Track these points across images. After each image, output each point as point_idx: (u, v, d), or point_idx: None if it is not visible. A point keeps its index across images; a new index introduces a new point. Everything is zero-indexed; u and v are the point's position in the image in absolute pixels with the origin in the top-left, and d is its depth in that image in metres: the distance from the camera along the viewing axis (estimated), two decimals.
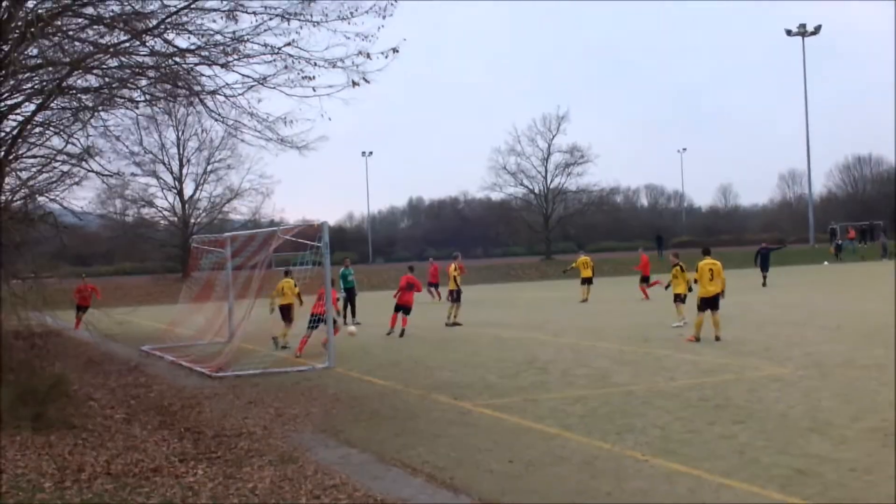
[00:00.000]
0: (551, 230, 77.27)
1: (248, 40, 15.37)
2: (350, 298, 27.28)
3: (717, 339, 18.81)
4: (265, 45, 15.44)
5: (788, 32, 75.87)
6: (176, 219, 62.84)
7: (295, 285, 21.31)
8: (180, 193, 62.65)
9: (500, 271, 59.83)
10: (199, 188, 63.55)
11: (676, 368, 15.31)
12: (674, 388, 13.25)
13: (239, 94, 16.26)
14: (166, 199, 62.90)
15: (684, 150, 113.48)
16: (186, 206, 62.89)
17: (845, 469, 8.34)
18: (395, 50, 15.30)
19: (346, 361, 17.80)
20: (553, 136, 75.59)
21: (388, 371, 16.54)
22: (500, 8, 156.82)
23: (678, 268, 23.06)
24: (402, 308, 23.04)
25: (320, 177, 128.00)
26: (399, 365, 17.41)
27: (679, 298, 22.73)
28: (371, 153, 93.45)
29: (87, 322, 26.71)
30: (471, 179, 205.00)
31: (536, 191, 77.15)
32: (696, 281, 19.98)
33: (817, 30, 75.12)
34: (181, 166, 62.49)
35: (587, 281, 34.28)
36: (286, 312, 21.39)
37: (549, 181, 76.38)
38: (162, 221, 64.29)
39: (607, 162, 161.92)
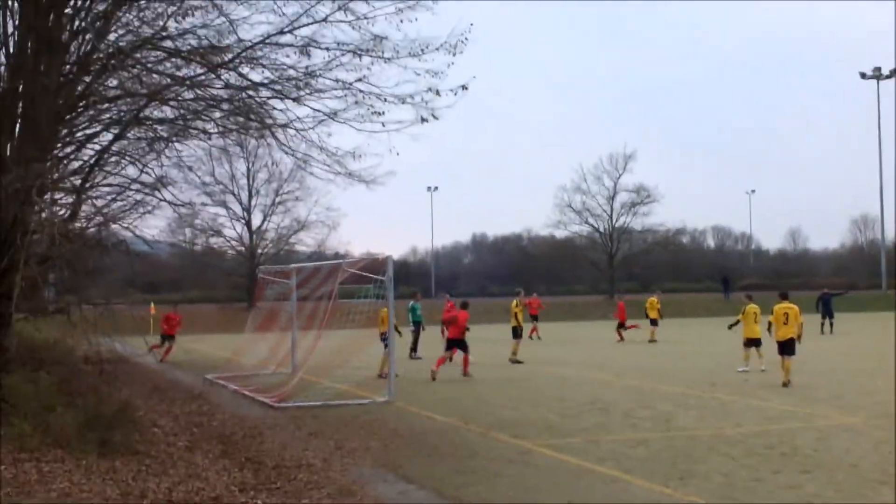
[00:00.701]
0: (616, 269, 76.67)
1: (320, 75, 15.65)
2: (416, 332, 27.47)
3: (785, 384, 18.46)
4: (336, 80, 15.70)
5: (863, 76, 74.76)
6: (243, 249, 63.80)
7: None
8: (248, 224, 63.65)
9: (563, 309, 59.43)
10: (267, 219, 64.50)
11: (742, 414, 14.99)
12: (739, 435, 12.97)
13: (309, 128, 16.52)
14: (234, 229, 63.94)
15: (753, 191, 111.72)
16: (254, 236, 63.85)
17: None
18: (464, 87, 15.43)
19: (406, 396, 17.79)
20: (619, 175, 75.31)
21: (449, 407, 16.48)
22: (568, 45, 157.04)
23: (750, 311, 22.33)
24: (456, 343, 22.25)
25: (386, 210, 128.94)
26: (459, 401, 17.35)
27: (751, 343, 22.04)
28: (437, 188, 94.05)
29: (155, 351, 27.23)
30: (535, 216, 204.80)
31: (601, 229, 76.76)
32: (769, 324, 19.78)
33: (892, 73, 73.88)
34: (250, 197, 63.54)
35: (654, 322, 34.15)
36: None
37: (614, 220, 75.96)
38: (230, 251, 65.34)
39: (674, 202, 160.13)
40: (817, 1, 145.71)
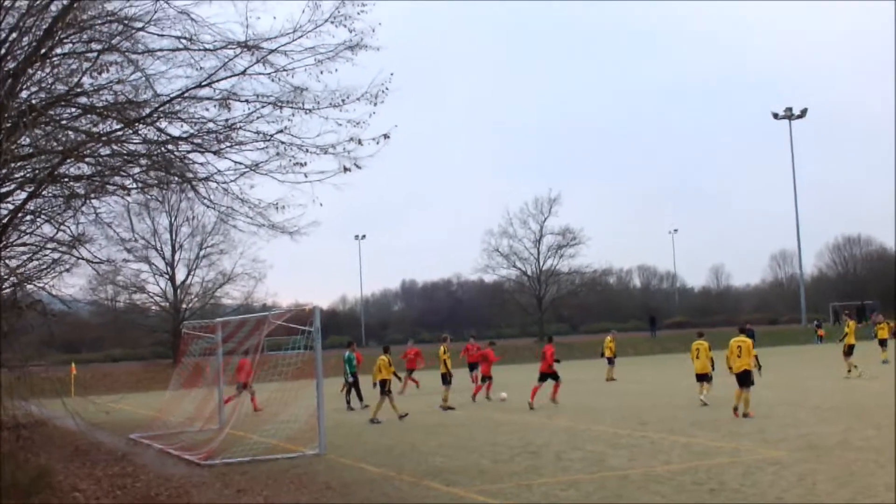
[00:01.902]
0: (544, 312, 77.26)
1: (240, 128, 15.60)
2: (355, 382, 27.09)
3: (745, 415, 19.23)
4: (257, 133, 15.67)
5: (776, 116, 77.25)
6: (167, 304, 62.67)
7: (389, 364, 22.87)
8: (172, 279, 62.61)
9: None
10: (192, 273, 63.52)
11: (671, 451, 15.16)
12: (668, 472, 13.10)
13: (231, 181, 16.41)
14: (158, 285, 62.80)
15: (676, 231, 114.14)
16: (178, 291, 62.79)
17: None
18: (385, 136, 15.52)
19: (338, 448, 17.59)
20: (545, 219, 76.18)
21: (381, 457, 16.34)
22: (491, 89, 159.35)
23: (694, 347, 23.37)
24: (549, 377, 24.66)
25: (313, 260, 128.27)
26: (392, 450, 17.21)
27: (700, 378, 22.88)
28: (364, 236, 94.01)
29: (75, 412, 26.46)
30: (464, 262, 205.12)
31: (529, 272, 77.39)
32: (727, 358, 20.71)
33: (804, 113, 76.52)
34: (173, 252, 62.58)
35: (611, 361, 34.51)
36: (383, 387, 22.67)
37: (541, 263, 76.69)
38: (153, 307, 64.05)
39: (599, 243, 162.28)
40: (732, 44, 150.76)
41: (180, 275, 63.13)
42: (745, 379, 19.74)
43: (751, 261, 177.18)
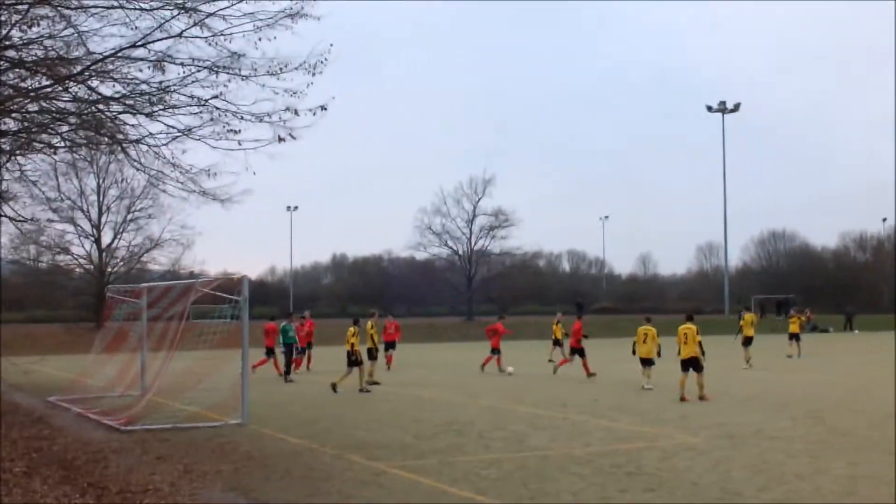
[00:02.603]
0: (474, 291, 77.67)
1: (174, 91, 15.29)
2: (289, 353, 27.10)
3: (702, 398, 19.97)
4: (192, 97, 15.38)
5: (709, 109, 78.42)
6: (92, 267, 61.47)
7: (354, 334, 23.18)
8: (98, 241, 61.41)
9: (423, 331, 59.72)
10: (118, 237, 62.43)
11: (592, 434, 15.40)
12: (588, 454, 13.31)
13: (163, 145, 16.11)
14: (83, 247, 61.59)
15: (606, 217, 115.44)
16: (104, 254, 61.62)
17: None
18: (323, 107, 15.35)
19: (262, 419, 17.49)
20: (479, 199, 76.65)
21: (305, 429, 16.29)
22: (429, 68, 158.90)
23: (640, 332, 23.70)
24: (576, 352, 26.88)
25: (244, 230, 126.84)
26: (316, 423, 17.17)
27: (644, 362, 23.36)
28: (296, 207, 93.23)
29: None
30: (396, 238, 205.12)
31: (460, 252, 77.74)
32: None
33: (737, 107, 77.82)
34: (100, 214, 61.38)
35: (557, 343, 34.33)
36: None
37: (473, 243, 77.09)
38: (77, 269, 62.83)
39: (531, 226, 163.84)
40: (669, 38, 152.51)
41: (106, 238, 62.02)
42: (693, 365, 20.39)
43: (678, 250, 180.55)
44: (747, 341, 31.62)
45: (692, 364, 20.43)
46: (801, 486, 10.87)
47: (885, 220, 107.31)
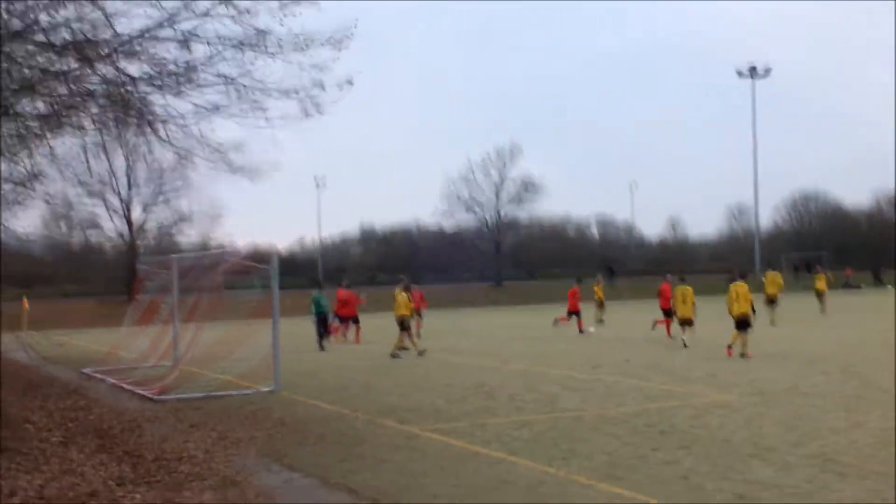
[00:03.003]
0: (502, 258, 77.61)
1: (201, 69, 15.26)
2: (321, 322, 27.16)
3: (743, 355, 20.29)
4: (219, 75, 15.35)
5: (740, 74, 77.26)
6: (122, 242, 62.00)
7: (410, 300, 24.01)
8: (128, 218, 61.87)
9: (451, 297, 59.74)
10: (147, 212, 62.83)
11: (624, 394, 15.37)
12: (621, 414, 13.29)
13: (192, 123, 16.13)
14: (114, 223, 62.09)
15: (635, 183, 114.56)
16: (134, 229, 62.10)
17: (787, 494, 8.41)
18: (349, 82, 15.32)
19: (293, 385, 17.62)
20: (506, 167, 76.17)
21: (336, 395, 16.39)
22: (456, 40, 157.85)
23: (678, 292, 24.36)
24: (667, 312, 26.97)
25: (272, 203, 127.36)
26: (347, 389, 17.27)
27: (683, 322, 24.01)
28: (324, 181, 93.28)
29: (27, 345, 26.21)
30: (424, 208, 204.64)
31: (488, 220, 77.56)
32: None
33: (767, 72, 76.64)
34: (129, 190, 61.77)
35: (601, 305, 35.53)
36: (402, 323, 23.74)
37: (501, 211, 76.84)
38: (109, 245, 63.40)
39: (559, 193, 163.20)
40: (697, 1, 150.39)
41: (136, 214, 62.44)
42: (743, 323, 20.56)
43: (708, 214, 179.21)
44: (769, 300, 31.45)
45: (743, 322, 20.66)
46: (837, 439, 10.80)
47: None
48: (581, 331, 29.93)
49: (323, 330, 27.13)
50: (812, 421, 12.18)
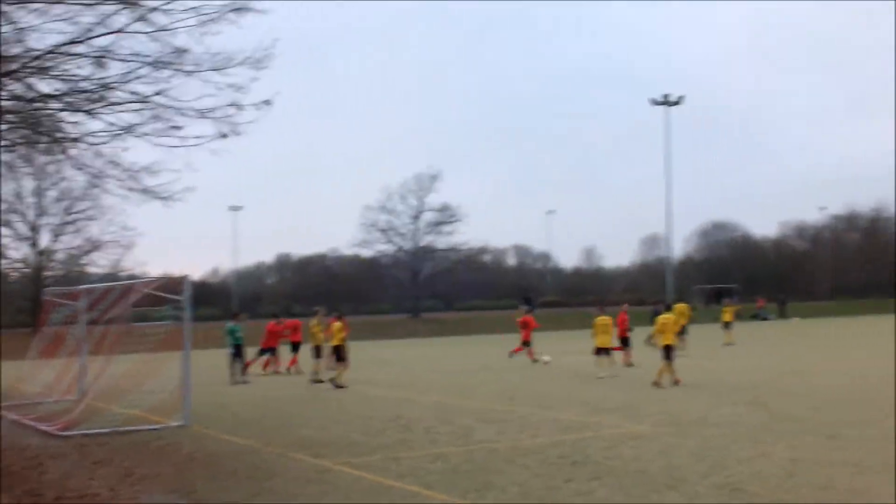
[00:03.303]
0: (420, 287, 77.65)
1: (116, 87, 14.98)
2: (237, 355, 26.36)
3: (676, 382, 21.01)
4: (134, 94, 15.08)
5: (654, 102, 79.01)
6: (28, 271, 60.21)
7: (341, 329, 23.37)
8: (35, 244, 60.17)
9: (369, 328, 59.47)
10: (56, 239, 61.20)
11: (539, 426, 15.45)
12: (535, 446, 13.34)
13: (103, 143, 15.79)
14: (18, 251, 60.29)
15: (552, 212, 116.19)
16: (41, 257, 60.41)
17: None
18: (267, 102, 15.18)
19: (204, 419, 17.26)
20: (425, 195, 76.44)
21: (249, 429, 16.11)
22: (373, 65, 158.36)
23: (599, 323, 24.70)
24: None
25: (186, 231, 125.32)
26: (260, 422, 17.00)
27: (600, 351, 24.39)
28: (240, 208, 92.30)
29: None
30: (340, 237, 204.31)
31: (406, 248, 77.57)
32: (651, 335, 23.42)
33: (680, 100, 78.51)
34: (38, 216, 60.12)
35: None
36: (340, 353, 23.36)
37: (419, 239, 76.97)
38: (13, 273, 61.49)
39: (477, 221, 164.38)
40: (616, 31, 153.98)
41: (44, 240, 60.81)
42: (669, 352, 21.30)
43: (622, 243, 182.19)
44: (680, 330, 32.09)
45: (668, 351, 21.27)
46: (743, 470, 11.01)
47: (823, 208, 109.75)
48: (534, 360, 29.78)
49: (239, 362, 26.53)
50: (721, 451, 12.41)
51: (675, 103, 78.29)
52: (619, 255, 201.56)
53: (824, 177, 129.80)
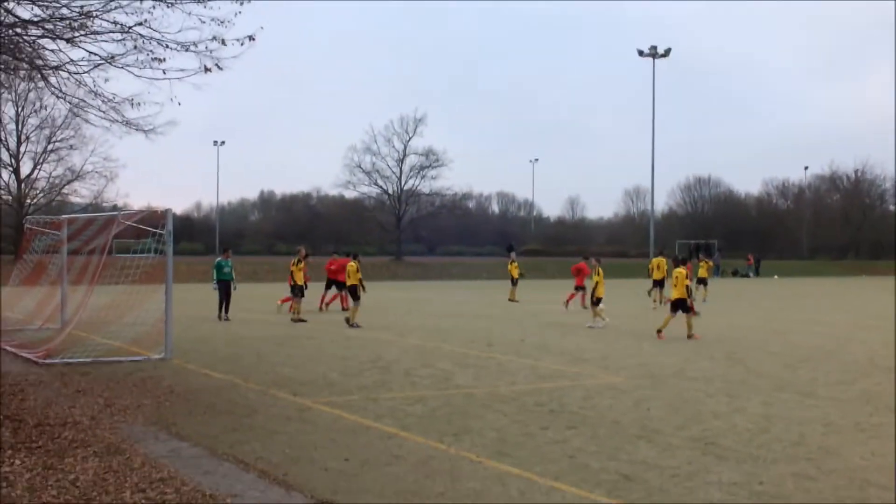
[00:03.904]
0: (403, 231, 77.62)
1: (96, 16, 14.76)
2: (223, 290, 25.77)
3: (690, 336, 21.33)
4: (115, 23, 14.86)
5: (640, 53, 78.53)
6: (10, 198, 59.76)
7: (357, 270, 24.03)
8: (17, 171, 59.65)
9: None
10: (38, 167, 60.70)
11: (516, 373, 15.59)
12: (512, 393, 13.48)
13: (84, 72, 15.59)
14: (1, 178, 59.78)
15: (536, 160, 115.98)
16: (23, 185, 59.91)
17: (668, 475, 8.67)
18: (251, 37, 14.97)
19: (185, 354, 17.34)
20: (409, 138, 76.19)
21: (228, 365, 16.19)
22: (362, 9, 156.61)
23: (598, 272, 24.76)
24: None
25: (169, 164, 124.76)
26: (240, 359, 17.07)
27: (599, 301, 24.46)
28: (223, 142, 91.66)
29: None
30: (325, 176, 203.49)
31: (390, 191, 77.39)
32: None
33: (667, 52, 78.07)
34: (19, 143, 59.53)
35: (515, 282, 35.80)
36: (353, 292, 23.93)
37: (403, 182, 76.77)
38: None
39: (461, 167, 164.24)
40: None
41: (26, 168, 60.29)
42: (682, 306, 21.45)
43: (606, 195, 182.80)
44: (656, 284, 32.59)
45: (681, 305, 21.43)
46: (718, 424, 11.18)
47: (806, 168, 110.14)
48: (584, 307, 29.91)
49: (224, 299, 26.09)
50: (696, 404, 12.58)
51: (663, 55, 77.88)
52: (602, 206, 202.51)
53: (810, 136, 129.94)
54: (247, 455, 9.22)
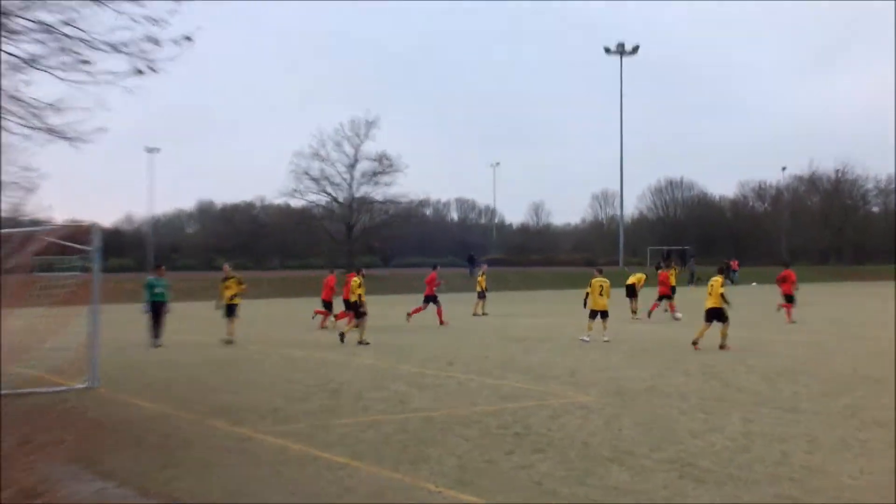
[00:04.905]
0: (354, 241, 77.26)
1: (17, 15, 14.53)
2: (156, 312, 24.49)
3: (722, 347, 21.76)
4: (37, 23, 14.64)
5: (607, 51, 79.13)
6: None
7: (360, 285, 24.77)
8: None
9: (297, 285, 59.15)
10: None
11: (478, 393, 15.49)
12: (474, 415, 13.37)
13: (1, 76, 15.32)
14: None
15: (497, 164, 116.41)
16: None
17: (642, 501, 8.59)
18: (187, 38, 14.83)
19: (113, 382, 17.02)
20: (361, 143, 75.77)
21: (161, 393, 15.91)
22: (310, 8, 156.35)
23: (596, 284, 25.14)
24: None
25: (98, 174, 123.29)
26: (174, 386, 16.80)
27: (595, 314, 24.77)
28: (158, 150, 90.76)
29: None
30: (269, 185, 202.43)
31: (340, 199, 77.02)
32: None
33: (635, 50, 78.81)
34: None
35: (482, 295, 36.32)
36: (357, 308, 24.54)
37: (354, 190, 76.43)
38: None
39: (417, 173, 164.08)
40: None
41: None
42: (718, 315, 22.03)
43: (573, 200, 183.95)
44: (628, 291, 33.07)
45: (716, 315, 21.99)
46: (694, 443, 11.15)
47: (784, 168, 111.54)
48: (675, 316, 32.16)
49: (156, 321, 24.82)
50: (671, 423, 12.55)
51: (631, 53, 78.64)
52: (568, 212, 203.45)
53: (786, 135, 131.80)
54: (181, 494, 9.01)
